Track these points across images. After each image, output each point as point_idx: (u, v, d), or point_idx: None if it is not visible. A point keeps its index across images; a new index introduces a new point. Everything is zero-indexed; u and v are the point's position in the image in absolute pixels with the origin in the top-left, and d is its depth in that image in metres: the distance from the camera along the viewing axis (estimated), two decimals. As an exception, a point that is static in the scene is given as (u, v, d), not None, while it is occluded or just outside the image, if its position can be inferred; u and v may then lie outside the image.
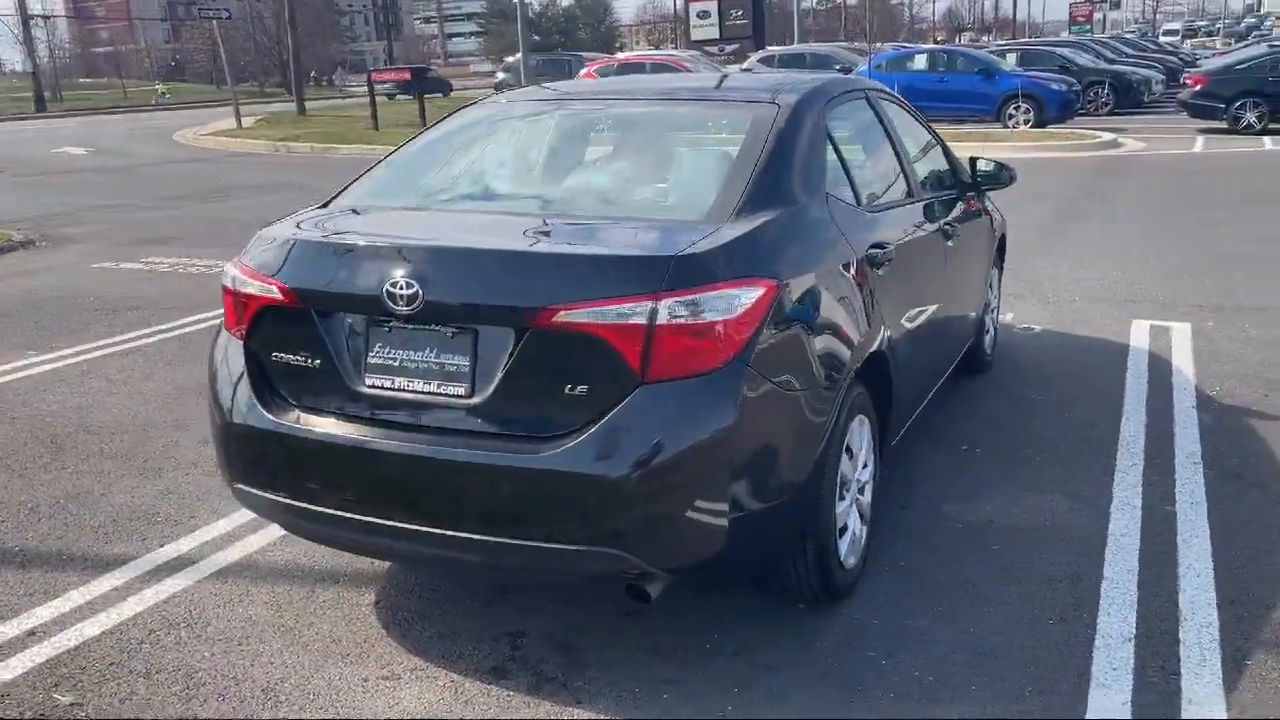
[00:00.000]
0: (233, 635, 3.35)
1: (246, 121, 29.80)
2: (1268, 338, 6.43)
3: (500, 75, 28.23)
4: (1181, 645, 3.14)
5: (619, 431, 2.69)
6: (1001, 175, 5.15)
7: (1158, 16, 77.80)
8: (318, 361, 3.04)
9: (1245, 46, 28.43)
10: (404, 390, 2.93)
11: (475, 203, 3.60)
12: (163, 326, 7.45)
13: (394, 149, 3.93)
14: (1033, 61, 23.14)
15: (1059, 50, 24.62)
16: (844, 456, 3.25)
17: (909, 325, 3.84)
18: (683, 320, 2.67)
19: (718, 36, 32.79)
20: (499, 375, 2.80)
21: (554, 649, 3.22)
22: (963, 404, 5.33)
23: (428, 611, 3.46)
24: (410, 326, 2.91)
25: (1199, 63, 26.69)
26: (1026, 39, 42.87)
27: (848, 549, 3.37)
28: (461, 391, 2.86)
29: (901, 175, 4.27)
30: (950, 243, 4.53)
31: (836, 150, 3.65)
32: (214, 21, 29.43)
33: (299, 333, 3.06)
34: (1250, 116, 18.60)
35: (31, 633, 3.39)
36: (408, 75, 25.27)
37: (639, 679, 3.05)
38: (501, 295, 2.79)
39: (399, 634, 3.33)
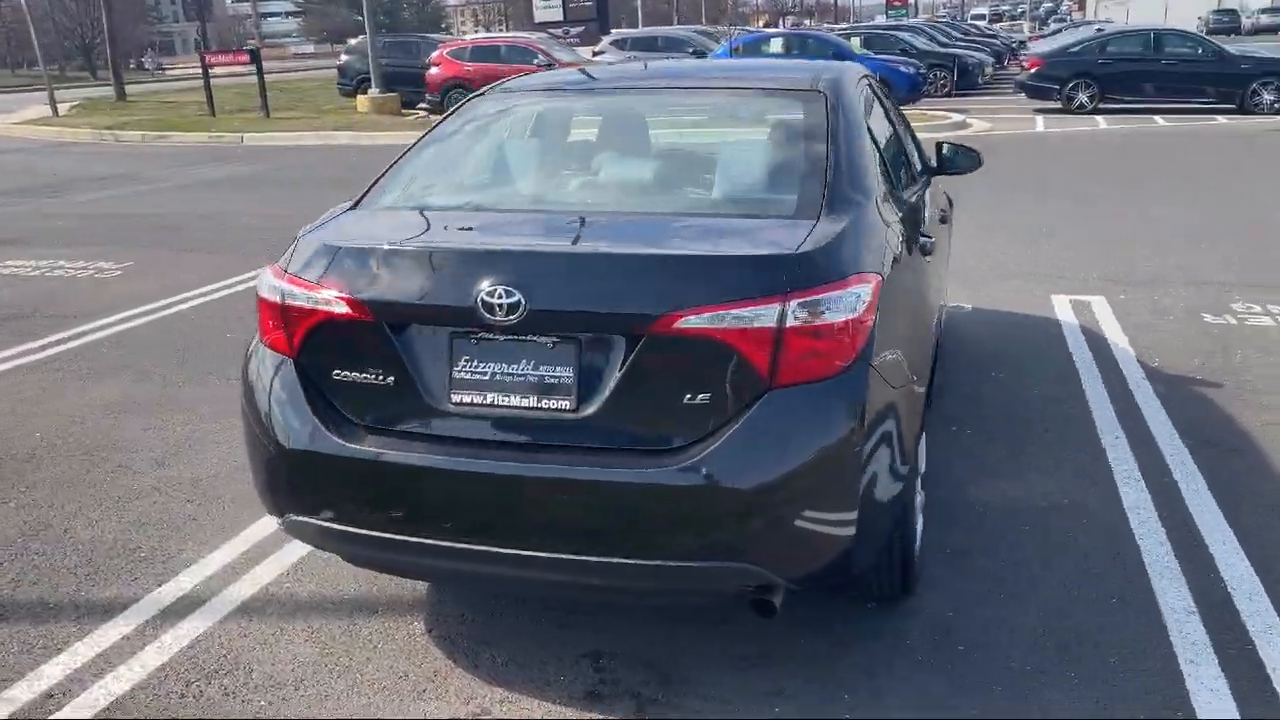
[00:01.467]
0: (284, 679, 3.07)
1: (61, 108, 27.70)
2: (1178, 308, 6.81)
3: (344, 58, 27.05)
4: (1242, 615, 3.27)
5: (751, 440, 2.57)
6: (958, 160, 5.13)
7: (966, 0, 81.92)
8: (391, 379, 2.79)
9: (1059, 31, 30.07)
10: (497, 406, 2.72)
11: (544, 200, 3.38)
12: (55, 338, 6.79)
13: (418, 141, 3.62)
14: (875, 45, 23.88)
15: (899, 34, 25.52)
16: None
17: (932, 310, 3.86)
18: (811, 321, 2.57)
19: (561, 19, 32.61)
20: (610, 386, 2.64)
21: (640, 668, 3.08)
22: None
23: (489, 637, 3.26)
24: (503, 338, 2.70)
25: (1026, 45, 28.15)
26: (863, 22, 44.24)
27: (918, 541, 3.36)
28: (566, 405, 2.68)
29: (907, 162, 4.27)
30: (945, 226, 4.58)
31: (873, 138, 3.61)
32: (23, 1, 27.11)
33: (368, 349, 2.81)
34: (1083, 97, 19.75)
35: (49, 695, 3.02)
36: (245, 58, 23.98)
37: (742, 693, 2.96)
38: (617, 302, 2.62)
39: (468, 664, 3.13)
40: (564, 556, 2.66)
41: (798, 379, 2.59)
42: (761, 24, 79.62)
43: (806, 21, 79.39)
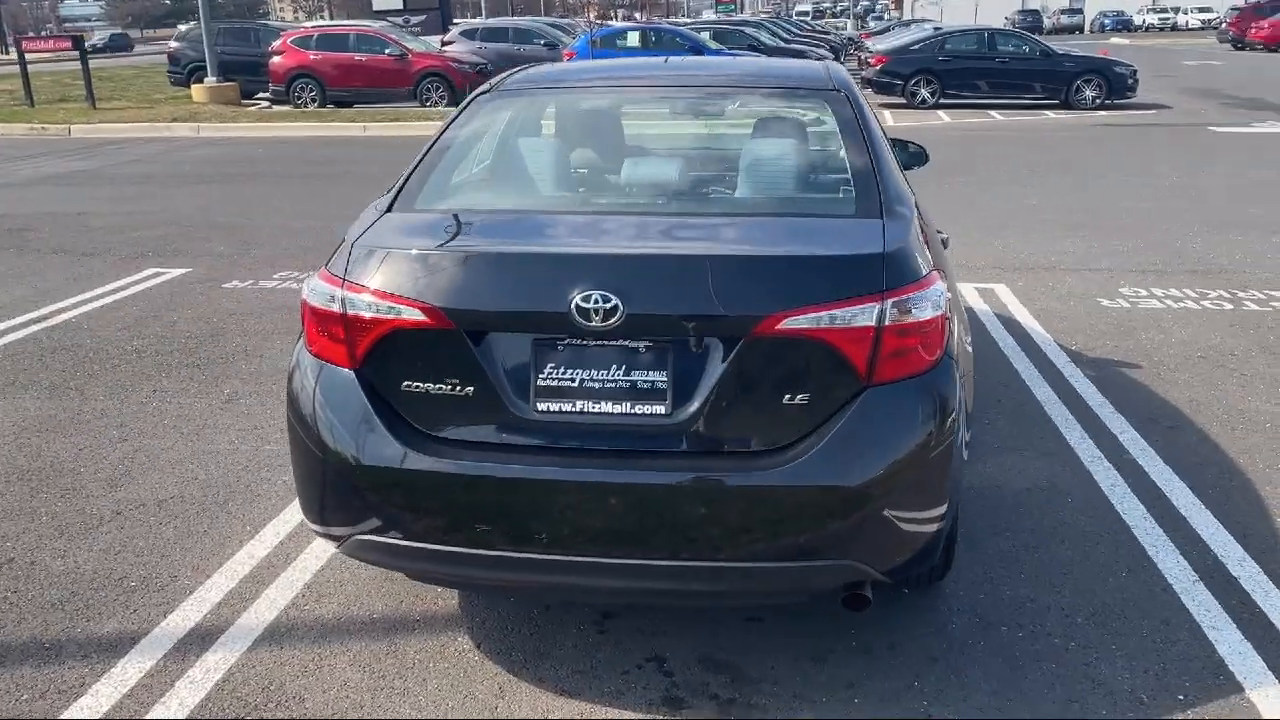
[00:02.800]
0: (342, 707, 2.92)
1: None
2: (1075, 294, 7.24)
3: (174, 44, 25.61)
4: (1240, 581, 3.52)
5: (854, 438, 2.60)
6: (903, 156, 5.25)
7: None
8: (470, 389, 2.69)
9: (890, 29, 31.26)
10: (586, 413, 2.67)
11: (597, 201, 3.29)
12: (-64, 351, 6.21)
13: (438, 140, 3.43)
14: (725, 40, 24.33)
15: (745, 30, 26.11)
16: None
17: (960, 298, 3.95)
18: (903, 319, 2.62)
19: (402, 7, 31.83)
20: (707, 389, 2.62)
21: (707, 669, 3.08)
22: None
23: (544, 649, 3.18)
24: (591, 343, 2.65)
25: (859, 42, 29.21)
26: (692, 18, 44.88)
27: None
28: (660, 410, 2.64)
29: None
30: None
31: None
32: None
33: (445, 358, 2.69)
34: (925, 92, 20.69)
35: (86, 744, 2.78)
36: (67, 44, 22.35)
37: (817, 687, 2.99)
38: (718, 305, 2.60)
39: (532, 677, 3.05)
40: (664, 563, 2.63)
41: (893, 376, 2.64)
42: (593, 16, 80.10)
43: (636, 15, 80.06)
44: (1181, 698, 2.93)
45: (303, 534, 3.88)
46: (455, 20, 31.46)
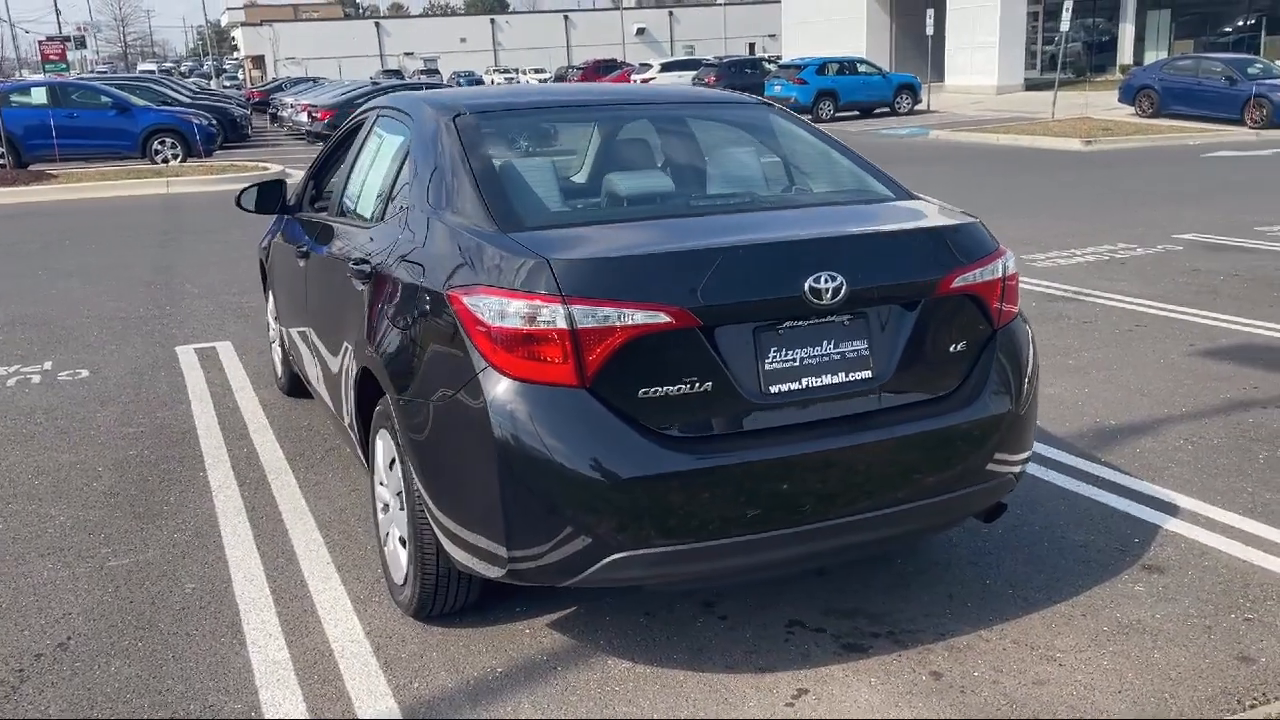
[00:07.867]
0: (593, 751, 2.72)
1: None
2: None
3: None
4: (1179, 504, 4.62)
5: (1001, 373, 3.14)
6: None
7: (130, 56, 78.88)
8: (710, 383, 2.73)
9: (308, 87, 30.65)
10: (810, 389, 2.86)
11: (705, 203, 3.39)
12: None
13: (471, 166, 3.13)
14: (135, 93, 22.40)
15: (154, 86, 24.32)
16: None
17: None
18: (1007, 273, 3.21)
19: None
20: (899, 350, 2.97)
21: (841, 618, 3.35)
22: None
23: (697, 645, 3.21)
24: (806, 324, 2.85)
25: (272, 99, 28.65)
26: (37, 79, 39.98)
27: None
28: (867, 374, 2.93)
29: None
30: None
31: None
32: None
33: (684, 357, 2.71)
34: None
35: None
36: None
37: (929, 604, 3.43)
38: (911, 273, 2.96)
39: (723, 666, 3.09)
40: (892, 511, 2.93)
41: (1006, 321, 3.23)
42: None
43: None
44: (1137, 540, 3.87)
45: (300, 625, 3.37)
46: None
